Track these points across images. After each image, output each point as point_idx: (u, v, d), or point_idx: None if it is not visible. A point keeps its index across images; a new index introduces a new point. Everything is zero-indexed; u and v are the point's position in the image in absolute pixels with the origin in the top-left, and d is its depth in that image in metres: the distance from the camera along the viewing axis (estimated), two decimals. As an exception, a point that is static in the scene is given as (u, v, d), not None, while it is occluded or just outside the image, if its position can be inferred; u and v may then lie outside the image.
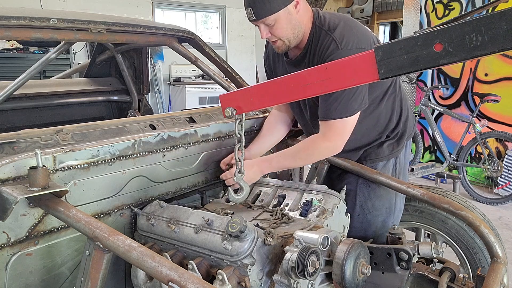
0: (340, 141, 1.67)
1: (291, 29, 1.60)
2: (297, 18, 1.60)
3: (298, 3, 1.58)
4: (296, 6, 1.58)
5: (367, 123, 1.75)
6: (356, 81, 1.02)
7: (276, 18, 1.56)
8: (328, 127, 1.65)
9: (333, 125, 1.63)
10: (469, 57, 0.83)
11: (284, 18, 1.57)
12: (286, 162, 1.74)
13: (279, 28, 1.59)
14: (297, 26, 1.61)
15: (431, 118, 5.01)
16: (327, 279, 1.30)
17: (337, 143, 1.68)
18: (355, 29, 1.61)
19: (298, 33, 1.63)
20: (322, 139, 1.69)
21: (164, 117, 1.74)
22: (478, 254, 1.76)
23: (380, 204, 1.80)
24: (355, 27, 1.63)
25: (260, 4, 1.53)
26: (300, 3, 1.59)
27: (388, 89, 1.74)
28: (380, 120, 1.77)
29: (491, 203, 4.45)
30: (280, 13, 1.55)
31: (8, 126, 2.58)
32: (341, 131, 1.65)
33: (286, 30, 1.60)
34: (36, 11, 1.75)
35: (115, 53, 2.91)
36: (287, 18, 1.57)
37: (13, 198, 1.09)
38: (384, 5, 8.37)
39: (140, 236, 1.46)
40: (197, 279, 0.92)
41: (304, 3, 1.63)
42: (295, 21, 1.60)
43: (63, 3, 6.33)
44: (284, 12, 1.55)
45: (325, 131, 1.67)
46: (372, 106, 1.71)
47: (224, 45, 8.04)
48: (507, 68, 4.65)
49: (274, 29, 1.60)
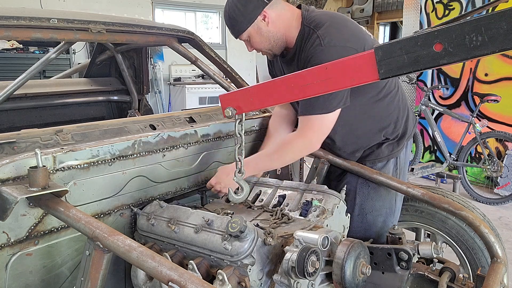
0: (315, 138, 1.66)
1: (265, 41, 1.70)
2: (269, 30, 1.68)
3: (266, 16, 1.65)
4: (264, 19, 1.66)
5: (364, 124, 1.74)
6: (356, 81, 1.02)
7: (248, 35, 1.69)
8: (305, 123, 1.66)
9: (310, 121, 1.63)
10: (469, 57, 0.83)
11: (255, 33, 1.68)
12: (262, 163, 1.73)
13: (254, 42, 1.71)
14: (272, 36, 1.69)
15: (431, 118, 5.01)
16: (327, 279, 1.30)
17: (312, 140, 1.66)
18: (342, 27, 1.61)
19: (276, 41, 1.71)
20: (297, 135, 1.69)
21: (164, 117, 1.74)
22: (478, 254, 1.76)
23: (380, 204, 1.80)
24: (343, 25, 1.62)
25: (231, 26, 1.70)
26: (270, 15, 1.65)
27: (383, 89, 1.72)
28: (377, 120, 1.75)
29: (491, 203, 4.45)
30: (249, 30, 1.67)
31: (8, 126, 2.57)
32: (317, 127, 1.64)
33: (261, 42, 1.71)
34: (36, 11, 1.75)
35: (115, 53, 2.91)
36: (257, 32, 1.68)
37: (13, 198, 1.09)
38: (384, 5, 8.37)
39: (140, 236, 1.46)
40: (197, 279, 0.92)
41: (278, 13, 1.67)
42: (268, 33, 1.68)
43: (63, 3, 6.33)
44: (253, 28, 1.66)
45: (301, 126, 1.67)
46: (366, 106, 1.70)
47: (224, 45, 8.03)
48: (507, 68, 4.65)
49: (252, 43, 1.73)
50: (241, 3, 1.63)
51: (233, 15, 1.65)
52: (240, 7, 1.63)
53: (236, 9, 1.64)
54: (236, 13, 1.64)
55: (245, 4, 1.63)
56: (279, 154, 1.71)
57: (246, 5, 1.63)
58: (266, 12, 1.64)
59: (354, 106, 1.69)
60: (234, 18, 1.66)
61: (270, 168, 1.83)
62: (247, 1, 1.63)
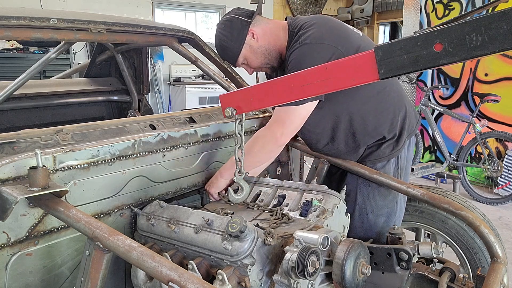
0: (279, 131, 1.63)
1: (261, 56, 1.75)
2: (261, 45, 1.73)
3: (254, 33, 1.71)
4: (253, 37, 1.72)
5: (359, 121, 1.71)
6: (356, 81, 1.02)
7: (244, 57, 1.74)
8: (274, 115, 1.67)
9: (279, 111, 1.63)
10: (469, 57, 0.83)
11: (249, 52, 1.73)
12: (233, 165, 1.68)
13: (252, 62, 1.76)
14: (266, 50, 1.74)
15: (431, 118, 5.01)
16: (327, 279, 1.30)
17: (276, 132, 1.63)
18: (322, 25, 1.62)
19: (271, 53, 1.75)
20: (264, 128, 1.71)
21: (164, 117, 1.74)
22: (478, 254, 1.76)
23: (381, 204, 1.80)
24: (324, 24, 1.63)
25: (225, 55, 1.76)
26: (256, 31, 1.72)
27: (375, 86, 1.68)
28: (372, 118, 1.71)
29: (491, 203, 4.45)
30: (243, 52, 1.72)
31: (8, 126, 2.57)
32: (282, 119, 1.62)
33: (258, 59, 1.75)
34: (36, 11, 1.75)
35: (115, 53, 2.91)
36: (251, 51, 1.73)
37: (13, 198, 1.09)
38: (384, 5, 8.38)
39: (140, 236, 1.46)
40: (197, 279, 0.92)
41: (262, 28, 1.73)
42: (261, 48, 1.73)
43: (63, 3, 6.33)
44: (245, 49, 1.72)
45: (270, 119, 1.69)
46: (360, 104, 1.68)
47: (224, 45, 8.03)
48: (507, 68, 4.65)
49: (250, 64, 1.77)
50: (226, 31, 1.71)
51: (224, 44, 1.72)
52: (227, 33, 1.71)
53: (224, 37, 1.71)
54: (225, 41, 1.71)
55: (230, 30, 1.71)
56: (248, 148, 1.66)
57: (231, 31, 1.70)
58: (252, 30, 1.71)
59: (348, 103, 1.68)
60: (225, 46, 1.73)
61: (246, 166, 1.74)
62: (231, 27, 1.71)
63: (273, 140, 1.66)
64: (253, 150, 1.69)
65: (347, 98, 1.67)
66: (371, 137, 1.76)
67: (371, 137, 1.76)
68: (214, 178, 1.75)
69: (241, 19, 1.71)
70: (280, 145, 1.69)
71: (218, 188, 1.72)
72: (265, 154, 1.74)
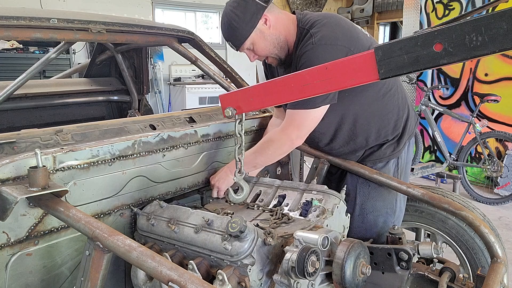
0: (295, 133, 1.65)
1: (270, 44, 1.67)
2: (272, 33, 1.65)
3: (267, 19, 1.63)
4: (266, 23, 1.64)
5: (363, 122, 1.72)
6: (356, 81, 1.02)
7: (251, 42, 1.65)
8: (288, 117, 1.66)
9: (292, 115, 1.63)
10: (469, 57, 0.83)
11: (258, 38, 1.64)
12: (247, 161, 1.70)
13: (259, 48, 1.67)
14: (275, 39, 1.67)
15: (431, 118, 5.01)
16: (327, 279, 1.30)
17: (291, 135, 1.65)
18: (335, 26, 1.59)
19: (280, 43, 1.68)
20: (278, 130, 1.70)
21: (164, 117, 1.74)
22: (478, 254, 1.76)
23: (381, 204, 1.80)
24: (336, 24, 1.61)
25: (232, 36, 1.64)
26: (270, 18, 1.64)
27: (382, 87, 1.70)
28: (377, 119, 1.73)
29: (491, 203, 4.45)
30: (252, 36, 1.63)
31: (8, 126, 2.57)
32: (298, 123, 1.63)
33: (266, 47, 1.67)
34: (36, 11, 1.75)
35: (115, 53, 2.91)
36: (261, 37, 1.64)
37: (13, 198, 1.09)
38: (384, 5, 8.38)
39: (140, 236, 1.46)
40: (197, 279, 0.92)
41: (276, 16, 1.66)
42: (271, 36, 1.66)
43: (63, 3, 6.33)
44: (256, 34, 1.63)
45: (284, 121, 1.68)
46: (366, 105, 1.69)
47: (224, 45, 8.02)
48: (507, 68, 4.65)
49: (256, 50, 1.68)
50: (239, 10, 1.59)
51: (233, 24, 1.60)
52: (240, 14, 1.58)
53: (236, 17, 1.59)
54: (236, 21, 1.59)
55: (244, 10, 1.58)
56: (261, 150, 1.72)
57: (245, 11, 1.58)
58: (266, 16, 1.62)
59: (354, 104, 1.68)
60: (234, 27, 1.60)
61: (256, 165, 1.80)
62: (246, 7, 1.59)
63: (289, 142, 1.68)
64: (267, 152, 1.71)
65: (353, 100, 1.67)
66: (374, 139, 1.76)
67: (374, 139, 1.76)
68: (224, 174, 1.73)
69: (256, 1, 1.60)
70: (294, 147, 1.71)
71: (228, 184, 1.71)
72: (279, 156, 1.76)
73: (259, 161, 1.76)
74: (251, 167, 1.77)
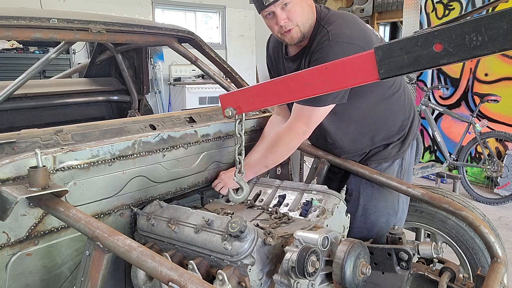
0: (302, 128, 1.66)
1: (305, 14, 1.60)
2: (309, 5, 1.62)
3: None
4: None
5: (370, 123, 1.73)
6: (356, 81, 1.02)
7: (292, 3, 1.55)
8: (295, 113, 1.66)
9: (301, 110, 1.63)
10: (469, 57, 0.83)
11: (299, 2, 1.57)
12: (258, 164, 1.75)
13: (295, 11, 1.56)
14: (309, 14, 1.62)
15: (431, 118, 5.01)
16: (327, 279, 1.30)
17: (298, 130, 1.66)
18: (352, 25, 1.59)
19: (310, 21, 1.62)
20: (285, 127, 1.71)
21: (164, 117, 1.74)
22: (478, 254, 1.76)
23: (383, 205, 1.80)
24: (354, 23, 1.61)
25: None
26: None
27: (389, 88, 1.72)
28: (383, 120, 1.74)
29: (491, 203, 4.45)
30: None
31: (8, 126, 2.57)
32: (306, 118, 1.63)
33: (301, 15, 1.59)
34: (36, 11, 1.75)
35: (115, 53, 2.91)
36: (301, 3, 1.58)
37: (13, 198, 1.09)
38: (384, 5, 8.38)
39: (140, 236, 1.46)
40: (197, 279, 0.92)
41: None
42: (308, 8, 1.61)
43: (63, 3, 6.33)
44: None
45: (291, 117, 1.68)
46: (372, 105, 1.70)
47: (224, 45, 8.03)
48: (507, 68, 4.65)
49: (291, 12, 1.56)
50: None
51: None
52: None
53: None
54: None
55: None
56: (271, 148, 1.73)
57: None
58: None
59: (361, 104, 1.69)
60: None
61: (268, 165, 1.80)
62: None
63: (297, 137, 1.69)
64: (277, 150, 1.72)
65: (360, 99, 1.67)
66: (380, 139, 1.77)
67: (380, 139, 1.77)
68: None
69: None
70: (301, 142, 1.73)
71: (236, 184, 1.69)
72: (288, 152, 1.78)
73: (270, 160, 1.76)
74: (263, 167, 1.78)
